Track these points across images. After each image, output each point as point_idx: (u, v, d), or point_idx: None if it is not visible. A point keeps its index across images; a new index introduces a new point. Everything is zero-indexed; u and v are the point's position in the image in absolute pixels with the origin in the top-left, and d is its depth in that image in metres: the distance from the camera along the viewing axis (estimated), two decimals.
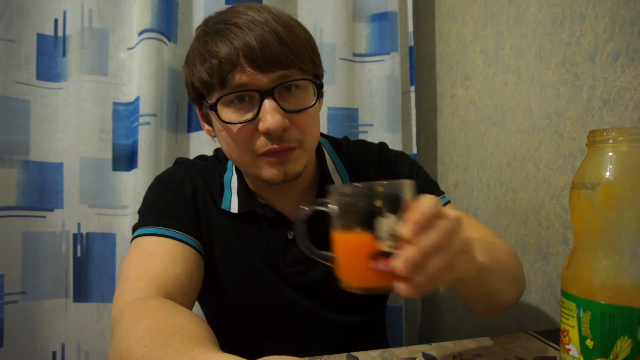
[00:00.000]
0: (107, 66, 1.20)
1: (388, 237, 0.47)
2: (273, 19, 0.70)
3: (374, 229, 0.47)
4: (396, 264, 0.46)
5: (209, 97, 0.73)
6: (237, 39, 0.68)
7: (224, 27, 0.71)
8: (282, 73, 0.69)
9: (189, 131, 1.27)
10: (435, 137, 1.43)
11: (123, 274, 0.71)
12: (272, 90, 0.69)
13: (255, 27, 0.68)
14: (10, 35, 1.14)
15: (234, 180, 0.85)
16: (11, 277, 1.14)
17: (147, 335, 0.54)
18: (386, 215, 0.47)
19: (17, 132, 1.15)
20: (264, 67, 0.68)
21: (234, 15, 0.72)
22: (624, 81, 0.78)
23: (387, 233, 0.47)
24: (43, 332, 1.16)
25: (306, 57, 0.73)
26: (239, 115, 0.71)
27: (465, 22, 1.27)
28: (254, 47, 0.67)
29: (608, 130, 0.46)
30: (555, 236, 0.93)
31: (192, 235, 0.77)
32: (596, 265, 0.46)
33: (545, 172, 0.96)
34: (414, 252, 0.46)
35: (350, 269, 0.50)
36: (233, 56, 0.68)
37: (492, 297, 0.70)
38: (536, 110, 0.99)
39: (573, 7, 0.88)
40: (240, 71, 0.68)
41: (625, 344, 0.44)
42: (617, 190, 0.45)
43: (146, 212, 0.80)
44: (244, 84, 0.69)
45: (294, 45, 0.70)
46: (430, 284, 0.48)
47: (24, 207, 1.16)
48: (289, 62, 0.69)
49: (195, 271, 0.75)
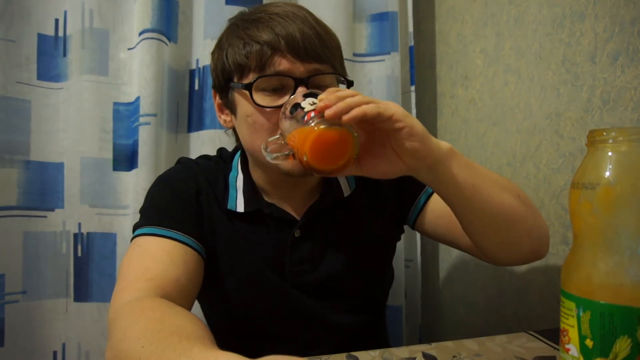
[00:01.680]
0: (107, 66, 1.20)
1: (310, 105, 0.61)
2: (311, 17, 0.75)
3: (300, 108, 0.62)
4: (320, 104, 0.58)
5: (242, 80, 0.74)
6: (279, 27, 0.71)
7: (265, 16, 0.74)
8: (317, 66, 0.73)
9: (189, 131, 1.27)
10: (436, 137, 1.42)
11: (122, 273, 0.71)
12: (307, 79, 0.72)
13: (296, 19, 0.72)
14: (10, 36, 1.14)
15: (239, 180, 0.85)
16: (12, 277, 1.14)
17: (143, 336, 0.53)
18: (305, 99, 0.63)
19: (18, 132, 1.15)
20: (303, 56, 0.71)
21: (274, 7, 0.75)
22: (623, 81, 0.78)
23: (310, 104, 0.61)
24: (44, 331, 1.16)
25: (337, 57, 0.78)
26: (270, 101, 0.72)
27: (465, 22, 1.27)
28: (295, 36, 0.71)
29: (608, 130, 0.46)
30: (555, 236, 0.93)
31: (193, 237, 0.76)
32: (596, 265, 0.47)
33: (545, 172, 0.96)
34: (327, 95, 0.58)
35: (300, 141, 0.59)
36: (275, 42, 0.71)
37: (493, 211, 0.69)
38: (536, 110, 0.99)
39: (573, 7, 0.88)
40: (281, 57, 0.71)
41: (624, 344, 0.44)
42: (617, 190, 0.45)
43: (148, 211, 0.80)
44: (282, 71, 0.71)
45: (329, 44, 0.75)
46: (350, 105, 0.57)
47: (25, 207, 1.16)
48: (325, 57, 0.73)
49: (195, 273, 0.74)
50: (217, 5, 1.22)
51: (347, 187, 0.88)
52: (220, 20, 1.22)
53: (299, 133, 0.60)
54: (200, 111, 1.25)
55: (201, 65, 1.25)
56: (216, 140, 1.22)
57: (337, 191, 0.86)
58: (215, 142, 1.22)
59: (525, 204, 0.73)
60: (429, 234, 0.91)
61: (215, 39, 1.22)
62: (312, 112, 0.60)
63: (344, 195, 0.87)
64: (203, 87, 1.25)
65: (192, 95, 1.27)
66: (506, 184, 0.73)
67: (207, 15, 1.24)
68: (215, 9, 1.23)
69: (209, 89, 1.24)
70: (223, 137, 1.22)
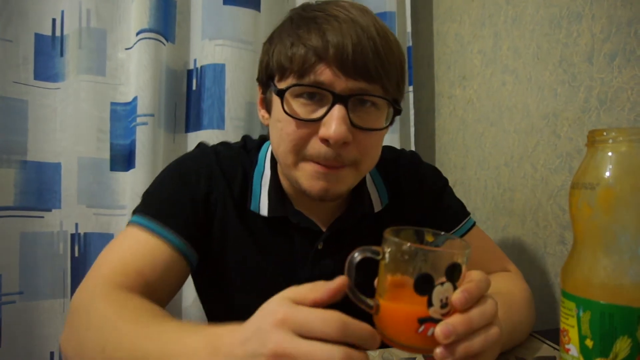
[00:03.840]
0: (105, 66, 1.20)
1: (440, 305, 0.45)
2: (375, 26, 0.65)
3: (427, 293, 0.45)
4: (439, 330, 0.44)
5: (280, 82, 0.68)
6: (332, 33, 0.63)
7: (322, 15, 0.65)
8: (364, 85, 0.64)
9: (186, 131, 1.27)
10: (434, 137, 1.43)
11: (101, 259, 0.70)
12: (347, 97, 0.63)
13: (355, 26, 0.64)
14: (8, 35, 1.14)
15: (265, 177, 0.78)
16: (9, 278, 1.13)
17: (135, 320, 0.56)
18: (442, 282, 0.45)
19: (15, 132, 1.14)
20: (349, 71, 0.63)
21: (336, 7, 0.67)
22: (620, 82, 0.78)
23: (440, 300, 0.45)
24: (41, 332, 1.15)
25: (393, 77, 0.67)
26: (304, 111, 0.66)
27: (463, 23, 1.27)
28: (347, 48, 0.62)
29: (608, 130, 0.47)
30: (552, 236, 0.93)
31: (187, 241, 0.72)
32: (596, 265, 0.47)
33: (543, 172, 0.96)
34: (460, 323, 0.44)
35: (394, 326, 0.47)
36: (322, 49, 0.63)
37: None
38: (534, 110, 0.99)
39: (570, 7, 0.89)
40: (325, 66, 0.63)
41: (624, 344, 0.44)
42: (617, 190, 0.46)
43: (150, 198, 0.76)
44: (322, 82, 0.64)
45: (387, 61, 0.65)
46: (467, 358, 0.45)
47: (22, 207, 1.15)
48: (376, 75, 0.64)
49: (174, 279, 0.72)
50: (215, 5, 1.22)
51: (379, 201, 0.82)
52: (218, 21, 1.23)
53: (399, 319, 0.47)
54: (198, 111, 1.25)
55: (199, 65, 1.25)
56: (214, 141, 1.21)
57: (368, 205, 0.80)
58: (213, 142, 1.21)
59: (532, 323, 0.75)
60: None
61: (213, 39, 1.24)
62: (432, 326, 0.45)
63: (375, 210, 0.81)
64: (201, 87, 1.25)
65: (190, 95, 1.27)
66: (526, 324, 0.73)
67: (205, 15, 1.23)
68: (213, 9, 1.22)
69: (206, 89, 1.23)
70: (221, 138, 1.21)
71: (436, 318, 0.45)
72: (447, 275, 0.45)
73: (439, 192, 0.87)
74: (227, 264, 0.78)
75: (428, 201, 0.85)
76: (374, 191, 0.82)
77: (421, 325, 0.45)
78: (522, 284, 0.81)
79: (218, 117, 1.23)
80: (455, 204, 0.88)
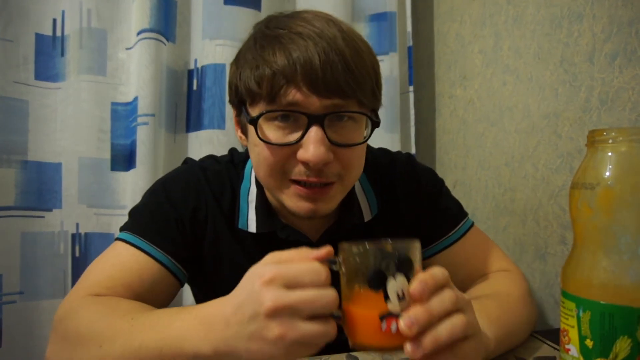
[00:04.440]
0: (105, 66, 1.20)
1: (397, 298, 0.46)
2: (342, 37, 0.62)
3: (383, 289, 0.47)
4: (401, 323, 0.45)
5: (252, 107, 0.66)
6: (298, 52, 0.60)
7: (286, 34, 0.62)
8: (338, 102, 0.62)
9: (187, 131, 1.27)
10: (434, 137, 1.43)
11: (88, 274, 0.70)
12: (322, 117, 0.61)
13: (321, 41, 0.60)
14: (8, 35, 1.14)
15: (252, 194, 0.77)
16: (9, 278, 1.13)
17: (128, 313, 0.58)
18: (396, 276, 0.47)
19: (16, 132, 1.15)
20: (321, 90, 0.60)
21: (299, 22, 0.64)
22: (621, 81, 0.78)
23: (396, 294, 0.46)
24: (41, 332, 1.16)
25: (368, 88, 0.65)
26: (279, 135, 0.63)
27: (463, 22, 1.27)
28: (315, 66, 0.59)
29: (608, 130, 0.46)
30: (553, 236, 0.93)
31: (175, 259, 0.72)
32: (596, 265, 0.47)
33: (544, 172, 0.96)
34: (421, 312, 0.45)
35: (359, 329, 0.48)
36: (289, 70, 0.60)
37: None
38: (534, 110, 0.99)
39: (571, 7, 0.88)
40: (294, 88, 0.60)
41: (624, 344, 0.44)
42: (617, 190, 0.45)
43: (138, 215, 0.76)
44: (295, 103, 0.61)
45: (359, 72, 0.62)
46: (438, 349, 0.45)
47: (23, 207, 1.15)
48: (349, 91, 0.61)
49: (164, 295, 0.72)
50: (216, 5, 1.22)
51: (369, 211, 0.80)
52: (218, 20, 1.23)
53: (364, 322, 0.48)
54: (199, 111, 1.25)
55: (199, 65, 1.25)
56: (214, 141, 1.22)
57: (358, 215, 0.79)
58: (213, 142, 1.22)
59: (530, 329, 0.75)
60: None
61: (214, 39, 1.24)
62: (394, 321, 0.46)
63: (365, 219, 0.79)
64: (201, 87, 1.25)
65: (191, 95, 1.27)
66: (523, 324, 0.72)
67: (206, 15, 1.23)
68: (214, 9, 1.23)
69: (207, 89, 1.24)
70: (221, 138, 1.22)
71: (396, 312, 0.46)
72: (398, 268, 0.47)
73: (436, 194, 0.86)
74: (222, 281, 0.76)
75: (425, 204, 0.84)
76: (363, 199, 0.81)
77: (383, 322, 0.46)
78: (521, 284, 0.80)
79: (219, 117, 1.23)
80: (452, 206, 0.87)
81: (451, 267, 0.80)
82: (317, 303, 0.45)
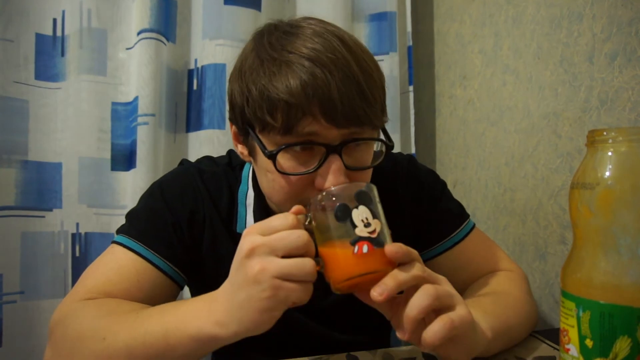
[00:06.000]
0: (105, 66, 1.20)
1: (362, 224, 0.52)
2: (353, 59, 0.61)
3: (350, 220, 0.52)
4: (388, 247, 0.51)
5: (263, 134, 0.63)
6: (313, 82, 0.58)
7: (296, 59, 0.59)
8: (354, 130, 0.61)
9: (187, 131, 1.27)
10: (434, 137, 1.43)
11: (85, 277, 0.70)
12: (340, 146, 0.61)
13: (337, 71, 0.59)
14: (8, 35, 1.14)
15: (250, 197, 0.77)
16: (10, 277, 1.13)
17: (133, 310, 0.60)
18: (358, 207, 0.53)
19: (16, 132, 1.15)
20: (340, 121, 0.59)
21: (307, 42, 0.61)
22: (621, 81, 0.78)
23: (361, 220, 0.52)
24: (42, 332, 1.16)
25: (379, 110, 0.64)
26: (294, 164, 0.62)
27: (463, 22, 1.27)
28: (333, 97, 0.58)
29: (608, 130, 0.46)
30: (553, 236, 0.93)
31: (173, 262, 0.72)
32: (596, 265, 0.47)
33: (543, 172, 0.96)
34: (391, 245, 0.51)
35: (336, 265, 0.53)
36: (307, 102, 0.58)
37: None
38: (534, 110, 0.99)
39: (571, 7, 0.89)
40: (312, 119, 0.59)
41: (624, 344, 0.44)
42: (617, 190, 0.45)
43: (134, 219, 0.75)
44: (313, 133, 0.60)
45: (372, 97, 0.62)
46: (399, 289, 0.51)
47: (23, 207, 1.15)
48: (365, 119, 0.61)
49: (161, 300, 0.70)
50: (216, 5, 1.22)
51: None
52: (218, 20, 1.23)
53: (338, 254, 0.52)
54: (199, 111, 1.25)
55: (199, 65, 1.25)
56: (214, 141, 1.22)
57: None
58: (213, 142, 1.22)
59: (530, 325, 0.75)
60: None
61: (214, 39, 1.24)
62: (365, 243, 0.51)
63: None
64: (201, 87, 1.25)
65: (191, 95, 1.27)
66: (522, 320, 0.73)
67: (206, 15, 1.24)
68: (214, 9, 1.23)
69: (207, 89, 1.24)
70: (221, 137, 1.22)
71: (364, 235, 0.51)
72: (358, 201, 0.53)
73: (438, 196, 0.86)
74: (221, 284, 0.77)
75: (427, 206, 0.84)
76: None
77: (355, 247, 0.51)
78: (521, 283, 0.80)
79: (219, 116, 1.23)
80: (454, 208, 0.87)
81: (453, 268, 0.81)
82: (289, 238, 0.50)
